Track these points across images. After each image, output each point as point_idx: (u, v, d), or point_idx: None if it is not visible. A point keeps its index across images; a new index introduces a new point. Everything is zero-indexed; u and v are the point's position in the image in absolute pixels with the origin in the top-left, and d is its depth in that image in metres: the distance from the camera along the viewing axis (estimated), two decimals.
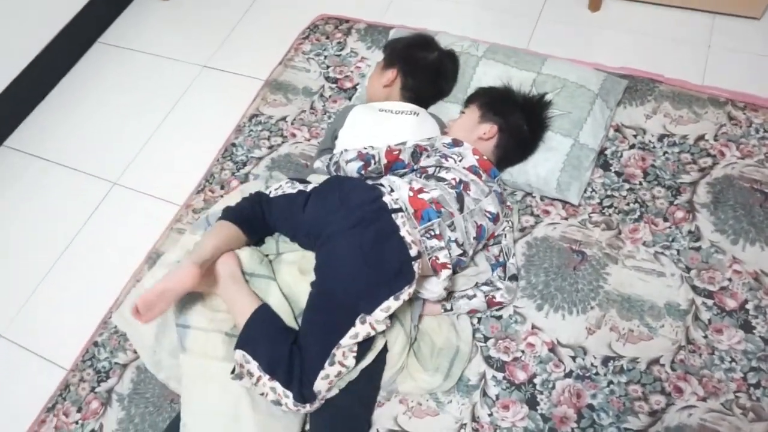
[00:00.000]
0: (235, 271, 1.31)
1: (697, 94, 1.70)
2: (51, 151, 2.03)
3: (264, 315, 1.27)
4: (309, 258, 1.34)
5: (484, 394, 1.34)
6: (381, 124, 1.59)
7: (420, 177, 1.38)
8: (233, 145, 1.85)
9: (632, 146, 1.64)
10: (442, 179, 1.36)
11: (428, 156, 1.44)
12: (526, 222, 1.56)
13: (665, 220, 1.51)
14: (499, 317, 1.42)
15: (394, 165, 1.46)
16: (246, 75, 2.08)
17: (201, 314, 1.33)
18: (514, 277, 1.42)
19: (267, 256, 1.40)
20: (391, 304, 1.19)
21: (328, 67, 1.98)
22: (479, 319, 1.42)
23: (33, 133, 2.10)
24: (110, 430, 1.42)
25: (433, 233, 1.28)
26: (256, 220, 1.39)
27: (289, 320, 1.30)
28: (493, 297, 1.37)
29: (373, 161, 1.45)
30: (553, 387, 1.32)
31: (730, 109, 1.66)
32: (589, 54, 1.86)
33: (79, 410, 1.46)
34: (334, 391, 1.25)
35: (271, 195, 1.39)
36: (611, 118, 1.66)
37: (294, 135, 1.84)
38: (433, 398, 1.35)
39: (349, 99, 1.88)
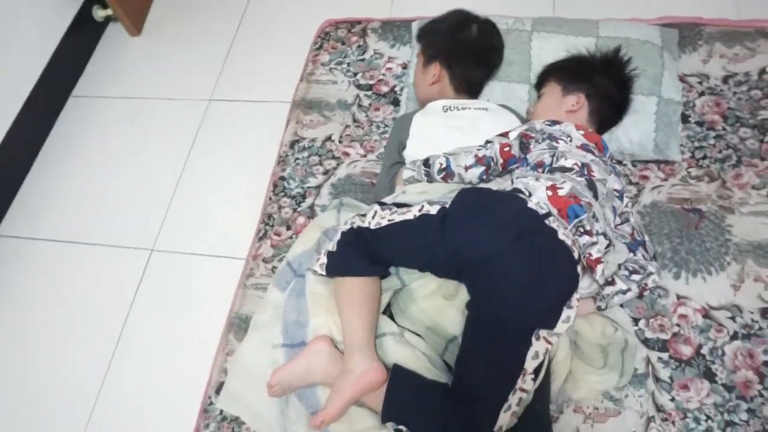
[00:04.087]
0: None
1: (743, 29, 1.70)
2: (63, 231, 1.76)
3: (402, 378, 1.14)
4: (449, 282, 1.22)
5: (657, 379, 1.26)
6: (452, 125, 1.46)
7: (543, 172, 1.27)
8: (282, 178, 1.66)
9: (701, 93, 1.61)
10: (566, 169, 1.25)
11: (537, 142, 1.33)
12: (628, 192, 1.49)
13: (762, 159, 1.49)
14: (641, 296, 1.35)
15: (508, 162, 1.34)
16: (260, 100, 1.88)
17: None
18: (654, 256, 1.35)
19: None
20: (570, 313, 1.11)
21: (355, 74, 1.82)
22: None
23: (30, 215, 1.81)
24: None
25: (583, 229, 1.17)
26: (375, 257, 1.24)
27: (425, 366, 1.17)
28: (646, 285, 1.29)
29: (492, 163, 1.33)
30: (723, 353, 1.27)
31: None
32: (623, 10, 1.81)
33: None
34: (514, 421, 1.13)
35: (373, 227, 1.24)
36: (677, 69, 1.62)
37: (347, 154, 1.67)
38: (608, 398, 1.26)
39: (392, 103, 1.74)
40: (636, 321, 1.33)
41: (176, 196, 1.75)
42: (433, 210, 1.20)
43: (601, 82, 1.42)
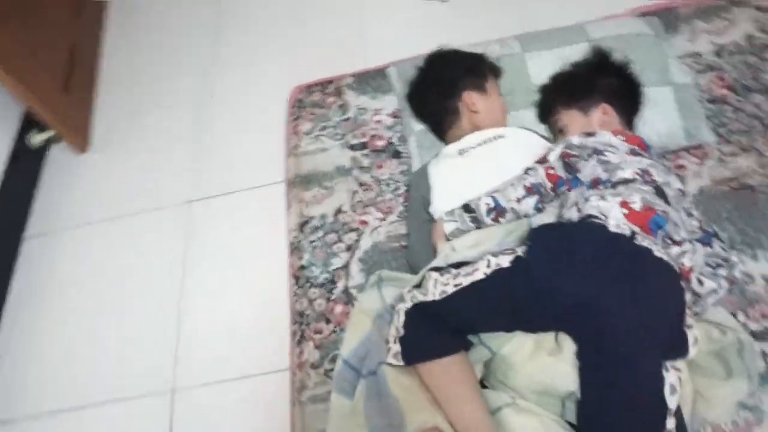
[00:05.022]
0: None
1: (713, 2, 1.71)
2: (51, 401, 1.47)
3: None
4: (545, 336, 1.08)
5: None
6: (474, 165, 1.35)
7: (604, 189, 1.16)
8: (302, 268, 1.47)
9: (702, 72, 1.58)
10: (628, 180, 1.15)
11: (583, 159, 1.23)
12: None
13: None
14: (730, 290, 1.25)
15: (557, 186, 1.23)
16: (247, 188, 1.70)
17: None
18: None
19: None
20: (695, 333, 1.02)
21: (344, 135, 1.68)
22: None
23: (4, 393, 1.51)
24: None
25: (670, 240, 1.07)
26: (453, 331, 1.09)
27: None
28: (734, 276, 1.20)
29: (542, 189, 1.21)
30: None
31: (753, 1, 1.68)
32: (589, 10, 1.77)
33: None
34: None
35: (439, 298, 1.09)
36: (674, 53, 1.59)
37: (365, 222, 1.51)
38: (743, 409, 1.14)
39: (394, 156, 1.61)
40: (734, 316, 1.23)
41: (183, 322, 1.51)
42: (505, 262, 1.08)
43: (607, 83, 1.36)
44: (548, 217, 1.24)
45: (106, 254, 1.68)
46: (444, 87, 1.44)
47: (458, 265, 1.16)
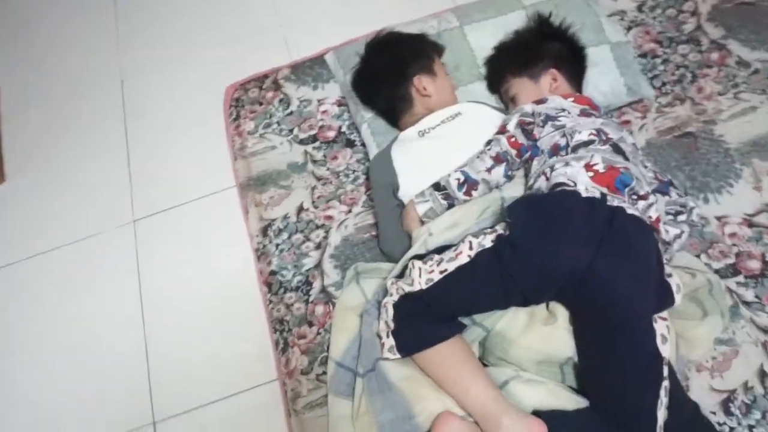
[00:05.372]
0: None
1: None
2: None
3: (560, 422, 1.01)
4: (538, 307, 1.09)
5: (747, 304, 1.25)
6: (436, 145, 1.34)
7: (566, 154, 1.18)
8: (273, 273, 1.40)
9: (629, 28, 1.64)
10: (587, 142, 1.18)
11: (539, 126, 1.25)
12: None
13: (710, 66, 1.55)
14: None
15: (520, 152, 1.24)
16: (195, 198, 1.59)
17: None
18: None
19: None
20: (677, 280, 1.07)
21: (291, 130, 1.61)
22: None
23: None
24: None
25: (636, 195, 1.11)
26: (445, 317, 1.09)
27: (566, 396, 1.06)
28: (693, 221, 1.26)
29: (509, 157, 1.22)
30: None
31: None
32: None
33: None
34: (665, 414, 1.04)
35: (425, 286, 1.08)
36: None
37: (330, 217, 1.46)
38: (719, 344, 1.21)
39: (348, 146, 1.56)
40: (697, 258, 1.30)
41: (152, 351, 1.39)
42: (488, 242, 1.08)
43: (552, 48, 1.39)
44: (518, 187, 1.25)
45: (45, 293, 1.53)
46: (392, 75, 1.41)
47: (440, 250, 1.15)
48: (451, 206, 1.25)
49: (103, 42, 1.95)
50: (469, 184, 1.23)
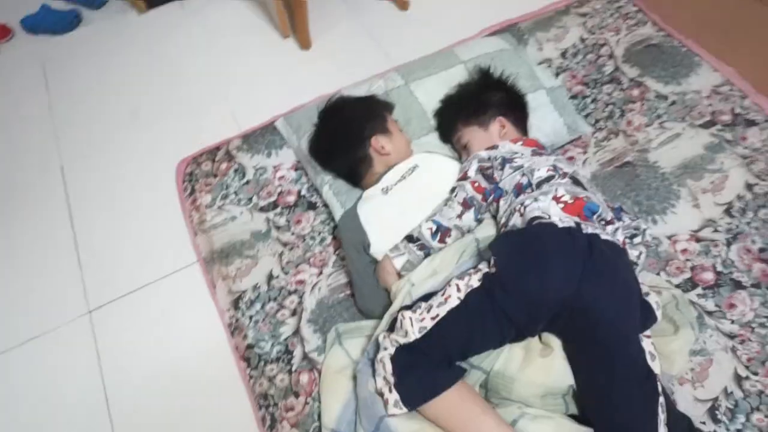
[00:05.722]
0: None
1: (544, 15, 1.95)
2: None
3: None
4: (531, 340, 1.12)
5: (709, 313, 1.32)
6: (400, 199, 1.36)
7: (532, 191, 1.24)
8: (250, 347, 1.35)
9: (557, 74, 1.78)
10: (547, 178, 1.25)
11: (498, 169, 1.31)
12: None
13: (633, 102, 1.70)
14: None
15: (485, 195, 1.29)
16: (152, 280, 1.52)
17: None
18: None
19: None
20: (656, 298, 1.16)
21: (249, 199, 1.59)
22: None
23: None
24: None
25: (604, 221, 1.18)
26: (445, 363, 1.09)
27: (572, 428, 1.07)
28: (648, 241, 1.35)
29: (475, 201, 1.27)
30: (732, 261, 1.38)
31: (573, 9, 1.95)
32: (440, 40, 1.91)
33: None
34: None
35: (419, 335, 1.07)
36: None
37: (302, 281, 1.44)
38: (694, 355, 1.27)
39: (310, 208, 1.56)
40: (657, 274, 1.38)
41: None
42: (474, 282, 1.10)
43: (496, 98, 1.47)
44: (489, 228, 1.29)
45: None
46: (350, 139, 1.44)
47: (426, 298, 1.16)
48: (427, 255, 1.27)
49: (37, 129, 1.88)
50: (442, 233, 1.26)
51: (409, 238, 1.28)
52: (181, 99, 1.92)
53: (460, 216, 1.26)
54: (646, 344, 1.08)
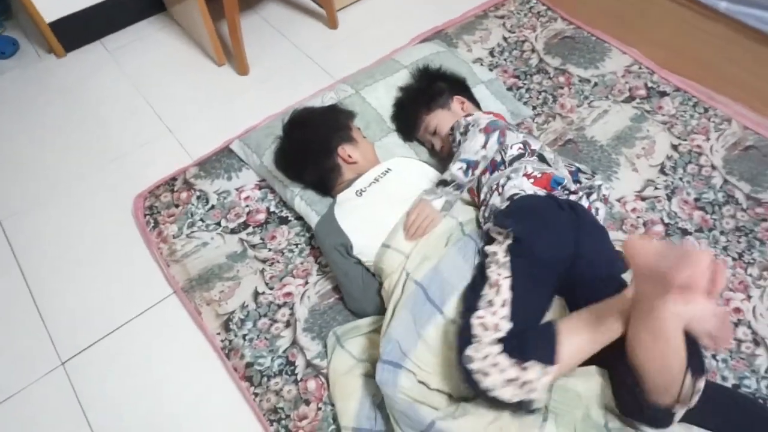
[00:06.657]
0: None
1: (466, 21, 2.09)
2: None
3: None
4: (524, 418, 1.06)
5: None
6: (375, 200, 1.40)
7: (504, 169, 1.33)
8: (249, 365, 1.31)
9: (490, 70, 1.92)
10: (517, 156, 1.34)
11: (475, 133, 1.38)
12: None
13: (562, 87, 1.86)
14: None
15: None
16: (128, 320, 1.44)
17: None
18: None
19: None
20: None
21: (218, 224, 1.56)
22: None
23: None
24: None
25: (569, 191, 1.29)
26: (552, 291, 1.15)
27: None
28: (605, 195, 1.46)
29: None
30: (676, 214, 1.54)
31: (491, 13, 2.12)
32: (377, 51, 2.00)
33: None
34: None
35: (509, 324, 1.03)
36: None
37: (289, 294, 1.43)
38: None
39: (283, 223, 1.56)
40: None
41: None
42: (503, 257, 1.12)
43: (446, 83, 1.58)
44: (470, 212, 1.35)
45: None
46: (317, 151, 1.45)
47: (474, 290, 1.13)
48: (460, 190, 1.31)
49: None
50: (472, 168, 1.29)
51: (443, 183, 1.31)
52: (121, 138, 1.85)
53: (484, 145, 1.31)
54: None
